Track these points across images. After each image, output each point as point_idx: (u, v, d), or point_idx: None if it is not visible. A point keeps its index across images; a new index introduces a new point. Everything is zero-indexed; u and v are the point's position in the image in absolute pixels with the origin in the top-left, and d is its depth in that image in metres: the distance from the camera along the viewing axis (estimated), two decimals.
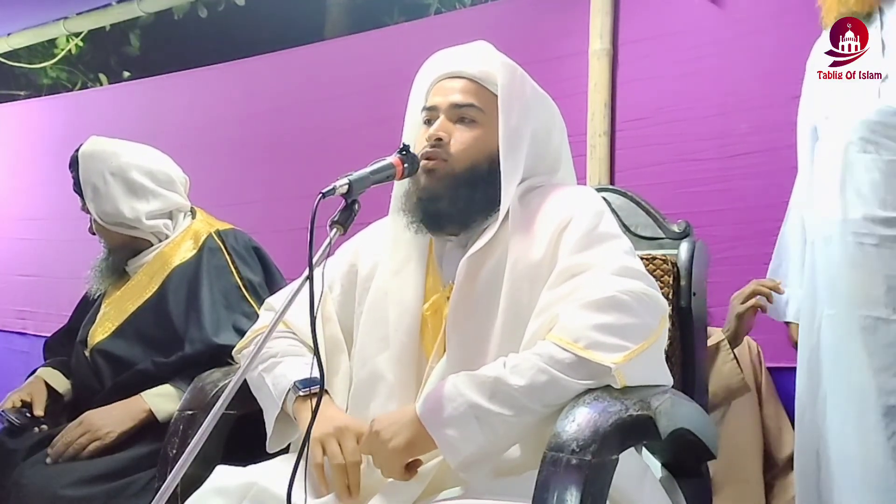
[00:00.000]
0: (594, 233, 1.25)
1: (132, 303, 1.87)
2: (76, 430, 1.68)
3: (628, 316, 1.14)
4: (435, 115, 1.36)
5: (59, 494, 1.57)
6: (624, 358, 1.10)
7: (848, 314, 1.64)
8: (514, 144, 1.31)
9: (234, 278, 1.86)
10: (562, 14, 2.65)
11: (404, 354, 1.31)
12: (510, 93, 1.32)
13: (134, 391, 1.73)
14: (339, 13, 5.30)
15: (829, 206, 1.68)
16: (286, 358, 1.35)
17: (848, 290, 1.64)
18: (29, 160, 4.17)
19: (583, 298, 1.15)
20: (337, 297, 1.44)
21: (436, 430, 1.11)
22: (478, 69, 1.35)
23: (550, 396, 1.10)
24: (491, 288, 1.26)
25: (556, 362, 1.11)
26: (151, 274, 1.88)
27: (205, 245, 1.89)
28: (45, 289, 3.81)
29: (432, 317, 1.33)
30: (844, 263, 1.65)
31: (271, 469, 1.25)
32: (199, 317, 1.77)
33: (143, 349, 1.80)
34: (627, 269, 1.20)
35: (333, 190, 1.14)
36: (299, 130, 3.21)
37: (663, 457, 1.36)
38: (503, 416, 1.09)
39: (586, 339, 1.11)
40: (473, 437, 1.09)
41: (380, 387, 1.33)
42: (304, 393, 1.28)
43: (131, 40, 6.11)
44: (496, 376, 1.11)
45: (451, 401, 1.11)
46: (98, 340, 1.85)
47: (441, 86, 1.37)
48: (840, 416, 1.63)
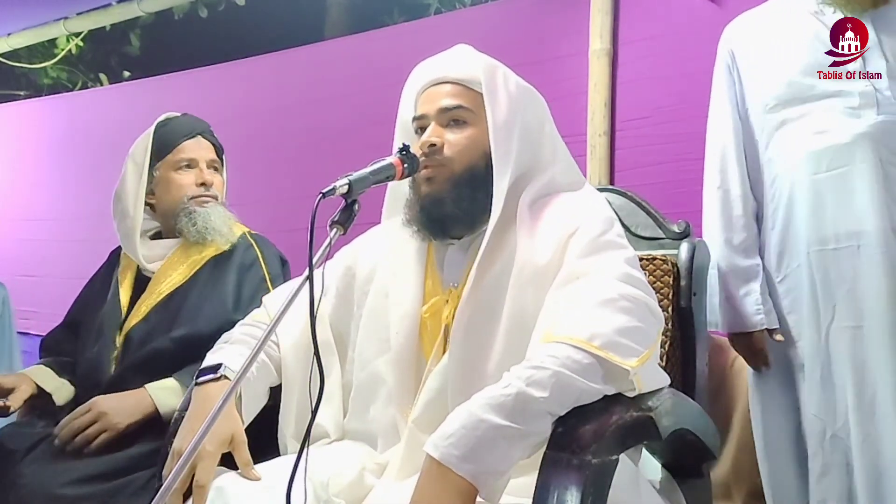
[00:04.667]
0: (601, 239, 1.25)
1: (165, 286, 1.88)
2: (86, 418, 1.65)
3: (635, 320, 1.14)
4: (426, 122, 1.37)
5: (58, 493, 1.57)
6: (639, 361, 1.10)
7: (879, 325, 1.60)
8: (503, 139, 1.31)
9: (263, 272, 1.89)
10: (562, 14, 2.65)
11: (403, 357, 1.31)
12: (494, 89, 1.33)
13: (149, 369, 1.72)
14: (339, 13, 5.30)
15: (858, 216, 1.63)
16: (226, 346, 1.39)
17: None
18: (30, 160, 4.18)
19: (591, 299, 1.15)
20: (331, 300, 1.44)
21: (474, 473, 1.02)
22: (461, 72, 1.36)
23: (571, 401, 1.07)
24: (496, 292, 1.26)
25: (574, 363, 1.07)
26: (184, 260, 1.90)
27: (239, 241, 1.94)
28: (47, 289, 3.82)
29: (431, 319, 1.33)
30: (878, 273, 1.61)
31: (270, 469, 1.24)
32: (223, 297, 1.80)
33: (170, 331, 1.81)
34: (631, 278, 1.20)
35: (333, 190, 1.14)
36: (299, 130, 3.22)
37: (663, 457, 1.36)
38: (527, 431, 1.04)
39: (601, 337, 1.09)
40: (507, 459, 1.04)
41: (380, 390, 1.33)
42: (200, 380, 1.32)
43: (131, 40, 6.12)
44: (517, 392, 1.04)
45: (474, 429, 1.03)
46: (134, 324, 1.84)
47: (427, 94, 1.39)
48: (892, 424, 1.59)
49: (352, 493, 1.21)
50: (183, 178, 1.92)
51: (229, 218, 1.94)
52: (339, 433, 1.38)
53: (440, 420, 1.08)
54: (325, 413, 1.36)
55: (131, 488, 1.58)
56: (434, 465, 1.03)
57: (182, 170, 1.93)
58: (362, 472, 1.24)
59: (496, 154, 1.30)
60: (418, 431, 1.24)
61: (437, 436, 1.05)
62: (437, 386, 1.26)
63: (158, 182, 1.94)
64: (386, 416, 1.32)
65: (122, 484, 1.59)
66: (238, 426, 1.27)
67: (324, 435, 1.36)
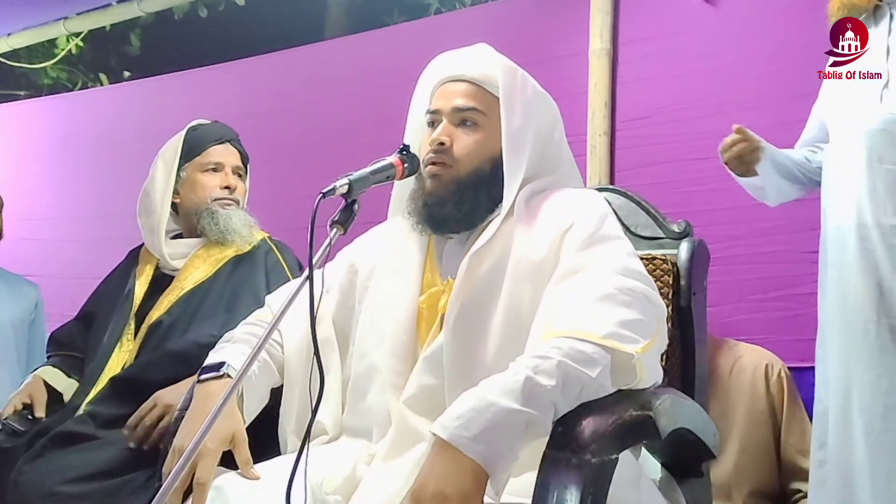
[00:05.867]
0: (597, 233, 1.26)
1: (188, 282, 1.93)
2: (154, 413, 1.65)
3: (635, 312, 1.14)
4: (438, 118, 1.37)
5: (57, 491, 1.57)
6: (642, 349, 1.10)
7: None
8: (516, 145, 1.32)
9: (287, 274, 1.93)
10: (562, 14, 2.65)
11: (398, 345, 1.32)
12: (511, 95, 1.33)
13: (190, 364, 1.70)
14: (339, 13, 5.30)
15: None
16: (227, 344, 1.40)
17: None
18: (30, 160, 4.17)
19: (590, 294, 1.15)
20: (334, 298, 1.44)
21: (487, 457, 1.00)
22: (479, 72, 1.36)
23: (575, 393, 1.06)
24: (491, 284, 1.27)
25: (578, 353, 1.06)
26: (206, 258, 1.96)
27: (260, 244, 2.00)
28: (47, 289, 3.80)
29: (428, 309, 1.33)
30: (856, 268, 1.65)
31: (270, 469, 1.25)
32: (258, 295, 1.81)
33: (190, 327, 1.84)
34: (630, 270, 1.20)
35: (333, 190, 1.14)
36: (299, 130, 3.21)
37: (663, 456, 1.36)
38: (537, 417, 1.03)
39: (604, 329, 1.09)
40: (515, 444, 1.02)
41: (375, 378, 1.33)
42: (202, 377, 1.32)
43: (131, 40, 6.12)
44: (525, 378, 1.03)
45: (485, 412, 1.01)
46: (155, 317, 1.88)
47: (443, 89, 1.39)
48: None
49: (346, 486, 1.20)
50: (209, 180, 2.00)
51: (250, 222, 2.00)
52: (338, 430, 1.38)
53: (432, 402, 1.07)
54: (324, 410, 1.36)
55: (131, 486, 1.58)
56: (442, 446, 1.00)
57: (209, 172, 2.00)
58: (355, 464, 1.24)
59: (507, 160, 1.31)
60: (409, 412, 1.24)
61: (445, 417, 1.02)
62: (429, 369, 1.26)
63: (185, 182, 2.01)
64: (380, 403, 1.31)
65: (121, 482, 1.59)
66: (239, 425, 1.27)
67: (322, 432, 1.36)
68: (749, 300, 2.25)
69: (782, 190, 1.87)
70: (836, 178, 1.75)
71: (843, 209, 1.70)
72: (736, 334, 2.22)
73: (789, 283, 2.18)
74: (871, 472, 1.62)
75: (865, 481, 1.63)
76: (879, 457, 1.62)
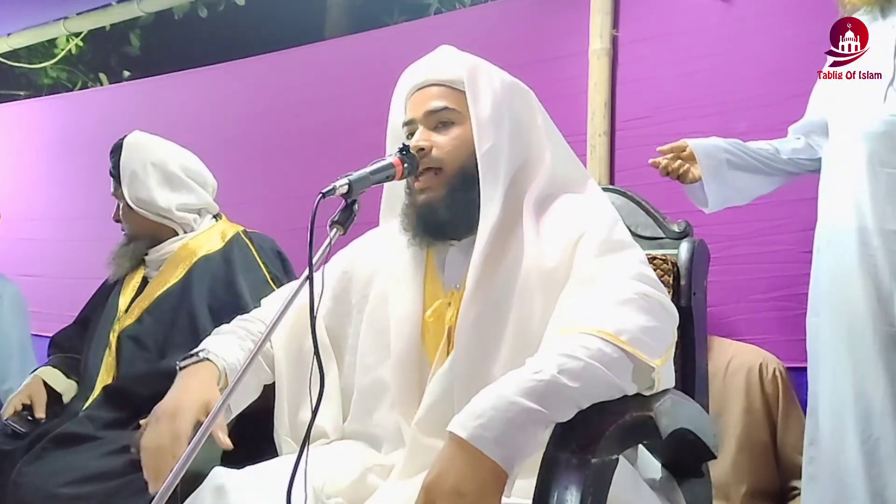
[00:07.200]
0: (610, 241, 1.25)
1: (157, 288, 1.92)
2: None
3: (654, 319, 1.13)
4: (414, 126, 1.37)
5: (57, 493, 1.57)
6: (661, 361, 1.10)
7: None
8: (488, 134, 1.31)
9: (263, 273, 1.92)
10: (562, 14, 2.65)
11: (405, 362, 1.31)
12: (476, 86, 1.33)
13: (153, 382, 1.72)
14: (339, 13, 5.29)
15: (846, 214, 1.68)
16: (213, 336, 1.40)
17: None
18: (30, 160, 4.17)
19: (611, 298, 1.14)
20: (326, 303, 1.43)
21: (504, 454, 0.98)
22: (444, 73, 1.36)
23: (598, 395, 1.06)
24: (504, 294, 1.25)
25: (605, 356, 1.05)
26: (177, 262, 1.94)
27: (233, 241, 1.98)
28: (47, 289, 3.81)
29: (434, 323, 1.32)
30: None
31: (270, 469, 1.24)
32: (240, 301, 1.82)
33: (164, 333, 1.84)
34: (644, 276, 1.20)
35: (333, 190, 1.13)
36: (299, 130, 3.21)
37: (663, 457, 1.35)
38: (553, 418, 1.02)
39: (628, 333, 1.08)
40: (533, 444, 1.01)
41: (384, 396, 1.33)
42: (182, 364, 1.33)
43: (131, 40, 6.11)
44: (550, 378, 1.01)
45: (506, 411, 0.99)
46: (127, 325, 1.88)
47: (415, 98, 1.39)
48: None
49: (354, 492, 1.20)
50: None
51: (120, 252, 2.02)
52: (338, 434, 1.38)
53: (444, 423, 1.06)
54: (324, 414, 1.36)
55: (130, 489, 1.58)
56: (461, 445, 0.98)
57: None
58: (365, 472, 1.24)
59: (480, 150, 1.30)
60: (421, 435, 1.24)
61: (463, 416, 1.00)
62: (441, 389, 1.26)
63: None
64: (390, 420, 1.31)
65: (121, 484, 1.59)
66: (215, 396, 1.27)
67: (322, 435, 1.36)
68: (749, 300, 2.25)
69: (748, 188, 1.86)
70: (836, 180, 1.74)
71: (842, 211, 1.70)
72: (736, 334, 2.22)
73: (789, 283, 2.18)
74: (866, 479, 1.62)
75: (860, 483, 1.63)
76: (874, 465, 1.62)
